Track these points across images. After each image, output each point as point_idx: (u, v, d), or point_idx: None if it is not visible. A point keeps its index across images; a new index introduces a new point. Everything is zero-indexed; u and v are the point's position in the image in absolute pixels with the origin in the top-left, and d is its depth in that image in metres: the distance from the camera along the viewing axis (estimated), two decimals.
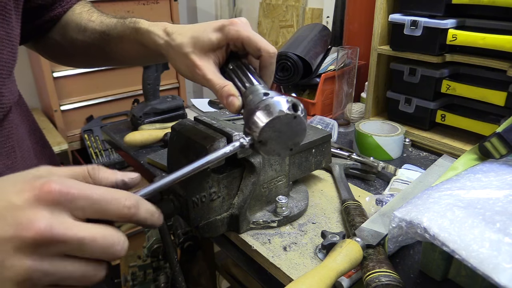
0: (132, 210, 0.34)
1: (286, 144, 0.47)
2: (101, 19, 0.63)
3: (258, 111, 0.44)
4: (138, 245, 1.89)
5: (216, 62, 0.50)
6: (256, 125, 0.44)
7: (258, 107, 0.44)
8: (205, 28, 0.50)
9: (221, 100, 0.47)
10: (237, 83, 0.49)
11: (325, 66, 1.15)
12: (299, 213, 0.63)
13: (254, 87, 0.48)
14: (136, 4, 1.83)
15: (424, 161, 0.84)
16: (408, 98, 0.91)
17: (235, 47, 0.51)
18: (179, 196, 0.54)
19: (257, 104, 0.44)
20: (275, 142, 0.46)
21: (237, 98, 0.46)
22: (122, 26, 0.58)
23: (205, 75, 0.48)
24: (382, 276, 0.45)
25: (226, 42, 0.49)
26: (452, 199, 0.48)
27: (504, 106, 0.77)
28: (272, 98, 0.44)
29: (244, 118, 0.46)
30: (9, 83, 0.52)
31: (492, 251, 0.38)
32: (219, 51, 0.50)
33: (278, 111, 0.43)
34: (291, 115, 0.44)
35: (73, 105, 1.76)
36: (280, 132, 0.45)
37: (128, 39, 0.57)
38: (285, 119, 0.44)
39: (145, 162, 0.87)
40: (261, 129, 0.43)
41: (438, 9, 0.80)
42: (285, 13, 2.04)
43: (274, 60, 0.50)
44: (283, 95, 0.45)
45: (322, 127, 0.94)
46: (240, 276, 1.36)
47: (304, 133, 0.48)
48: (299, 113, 0.45)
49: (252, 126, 0.44)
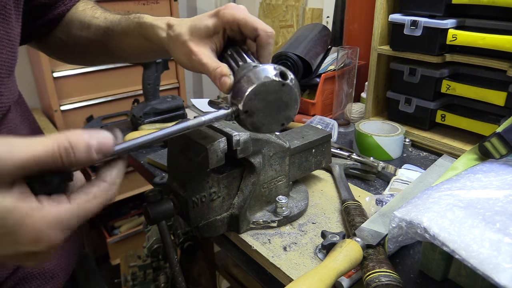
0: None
1: (277, 118, 0.44)
2: (104, 16, 0.63)
3: (244, 77, 0.41)
4: (138, 245, 1.89)
5: (213, 49, 0.50)
6: (241, 92, 0.41)
7: (244, 75, 0.42)
8: (202, 16, 0.50)
9: (215, 82, 0.47)
10: (232, 65, 0.48)
11: (325, 66, 1.15)
12: (299, 213, 0.63)
13: (247, 64, 0.46)
14: (136, 4, 1.83)
15: (424, 161, 0.84)
16: (408, 98, 0.91)
17: (231, 31, 0.50)
18: (179, 196, 0.54)
19: (243, 72, 0.42)
20: (263, 113, 0.42)
21: (229, 77, 0.45)
22: (126, 22, 0.58)
23: (201, 60, 0.48)
24: (382, 276, 0.45)
25: (222, 27, 0.49)
26: (452, 199, 0.48)
27: (504, 106, 0.77)
28: (259, 66, 0.42)
29: (232, 91, 0.43)
30: (9, 82, 0.52)
31: (492, 251, 0.38)
32: (216, 37, 0.50)
33: (264, 77, 0.41)
34: (278, 82, 0.41)
35: (73, 105, 1.76)
36: (268, 103, 0.42)
37: (132, 34, 0.58)
38: (272, 87, 0.41)
39: (145, 162, 0.87)
40: (246, 96, 0.40)
41: (438, 9, 0.80)
42: (285, 13, 2.04)
43: (272, 40, 0.49)
44: (273, 64, 0.43)
45: (322, 127, 0.94)
46: (240, 276, 1.35)
47: (296, 106, 0.44)
48: (288, 81, 0.42)
49: (237, 94, 0.41)
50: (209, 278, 1.34)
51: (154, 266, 1.43)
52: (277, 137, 0.62)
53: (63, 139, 0.31)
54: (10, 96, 0.52)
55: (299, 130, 0.70)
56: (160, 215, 0.52)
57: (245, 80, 0.41)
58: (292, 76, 0.43)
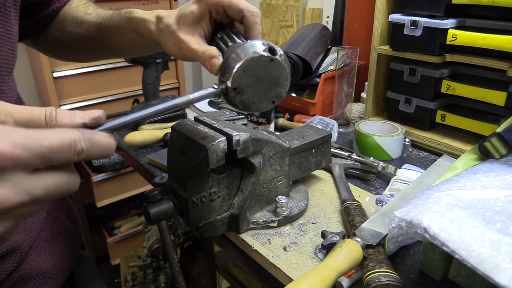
0: (83, 155, 0.31)
1: (267, 95, 0.43)
2: (97, 12, 0.63)
3: (232, 54, 0.41)
4: (138, 245, 1.89)
5: (202, 34, 0.51)
6: (230, 69, 0.40)
7: (232, 51, 0.41)
8: (188, 3, 0.50)
9: (205, 65, 0.47)
10: (222, 47, 0.48)
11: (325, 66, 1.15)
12: (299, 213, 0.63)
13: (236, 44, 0.46)
14: (136, 4, 1.83)
15: (424, 161, 0.84)
16: (408, 98, 0.91)
17: (218, 15, 0.50)
18: (179, 196, 0.54)
19: (231, 49, 0.42)
20: (253, 91, 0.42)
21: (218, 58, 0.45)
22: (118, 17, 0.58)
23: (189, 47, 0.48)
24: (382, 276, 0.45)
25: (208, 10, 0.49)
26: (452, 199, 0.48)
27: (504, 106, 0.77)
28: (247, 42, 0.42)
29: (220, 70, 0.43)
30: (9, 80, 0.52)
31: (492, 251, 0.38)
32: (203, 22, 0.50)
33: (252, 52, 0.41)
34: (266, 57, 0.41)
35: (73, 105, 1.76)
36: (257, 79, 0.41)
37: (123, 29, 0.58)
38: (261, 62, 0.41)
39: (145, 162, 0.87)
40: (234, 72, 0.40)
41: (438, 9, 0.80)
42: (285, 13, 2.04)
43: (258, 19, 0.49)
44: (261, 40, 0.43)
45: (322, 127, 0.94)
46: (240, 276, 1.35)
47: (287, 83, 0.44)
48: (277, 57, 0.42)
49: (225, 71, 0.41)
50: (209, 278, 1.34)
51: (154, 266, 1.44)
52: (277, 137, 0.62)
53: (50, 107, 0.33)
54: (11, 95, 0.52)
55: (299, 130, 0.70)
56: (160, 215, 0.52)
57: (233, 57, 0.41)
58: (281, 52, 0.42)
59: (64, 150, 0.30)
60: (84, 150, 0.31)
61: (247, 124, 0.88)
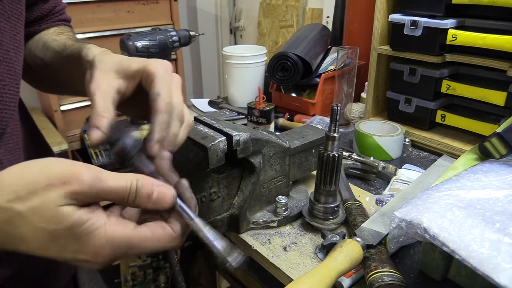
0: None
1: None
2: (65, 41, 0.56)
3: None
4: None
5: (121, 89, 0.44)
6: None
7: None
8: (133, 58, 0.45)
9: (90, 123, 0.42)
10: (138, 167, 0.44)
11: (325, 66, 1.15)
12: (299, 213, 0.63)
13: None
14: (136, 4, 1.83)
15: (424, 161, 0.84)
16: (408, 98, 0.91)
17: (145, 83, 0.44)
18: None
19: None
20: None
21: (103, 133, 0.41)
22: (75, 49, 0.51)
23: (94, 91, 0.42)
24: (385, 276, 0.45)
25: (142, 71, 0.43)
26: (452, 199, 0.48)
27: (504, 106, 0.77)
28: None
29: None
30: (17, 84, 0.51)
31: (492, 251, 0.38)
32: (131, 81, 0.44)
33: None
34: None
35: (73, 105, 1.76)
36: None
37: (73, 63, 0.51)
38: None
39: None
40: None
41: (438, 9, 0.80)
42: (285, 13, 2.04)
43: (170, 119, 0.42)
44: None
45: (322, 127, 0.94)
46: (240, 276, 1.35)
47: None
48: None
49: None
50: (209, 278, 1.34)
51: (154, 266, 1.44)
52: (277, 137, 0.62)
53: (134, 178, 0.36)
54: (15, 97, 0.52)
55: (299, 130, 0.70)
56: None
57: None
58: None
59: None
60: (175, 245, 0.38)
61: (247, 124, 0.88)
